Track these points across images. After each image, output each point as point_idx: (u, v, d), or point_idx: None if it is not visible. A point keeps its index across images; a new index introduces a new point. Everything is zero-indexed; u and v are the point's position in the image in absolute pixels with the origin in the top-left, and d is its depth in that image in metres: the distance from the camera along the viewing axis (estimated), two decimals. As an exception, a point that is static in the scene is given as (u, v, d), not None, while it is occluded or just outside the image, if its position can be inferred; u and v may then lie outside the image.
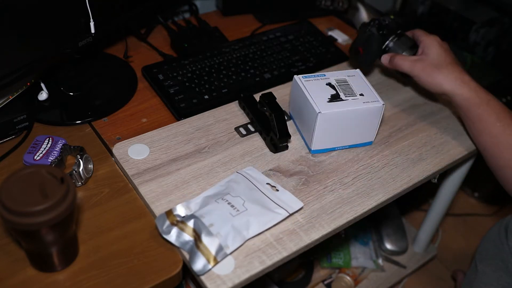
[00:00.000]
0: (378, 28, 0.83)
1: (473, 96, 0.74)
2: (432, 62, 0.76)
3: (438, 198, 1.07)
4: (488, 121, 0.73)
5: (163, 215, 0.63)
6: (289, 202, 0.67)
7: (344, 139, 0.76)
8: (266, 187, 0.69)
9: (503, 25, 1.33)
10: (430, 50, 0.78)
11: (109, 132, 0.78)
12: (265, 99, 0.78)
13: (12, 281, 0.58)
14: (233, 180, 0.69)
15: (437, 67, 0.76)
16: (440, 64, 0.76)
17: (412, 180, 0.74)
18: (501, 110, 0.74)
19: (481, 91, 0.74)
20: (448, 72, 0.75)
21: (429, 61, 0.77)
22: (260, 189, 0.68)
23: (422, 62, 0.77)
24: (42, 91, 0.81)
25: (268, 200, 0.67)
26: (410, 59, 0.78)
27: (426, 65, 0.76)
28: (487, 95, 0.74)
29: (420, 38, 0.81)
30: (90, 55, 0.89)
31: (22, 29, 0.67)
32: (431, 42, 0.78)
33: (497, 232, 0.82)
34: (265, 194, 0.67)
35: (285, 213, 0.65)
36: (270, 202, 0.66)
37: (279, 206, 0.66)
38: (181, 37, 1.00)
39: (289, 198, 0.68)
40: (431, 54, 0.77)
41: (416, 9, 1.45)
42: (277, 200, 0.67)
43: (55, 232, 0.54)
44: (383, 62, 0.83)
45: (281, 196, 0.68)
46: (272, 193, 0.68)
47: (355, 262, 1.16)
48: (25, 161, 0.71)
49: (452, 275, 1.20)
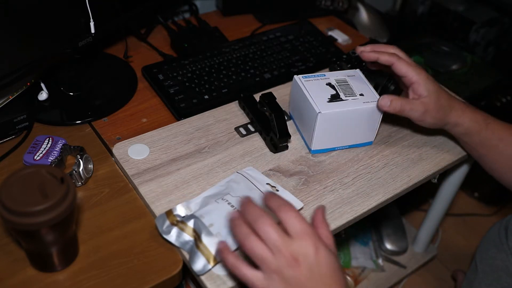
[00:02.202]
0: (347, 62, 0.81)
1: (472, 124, 0.73)
2: (430, 102, 0.70)
3: (438, 198, 1.07)
4: (490, 144, 0.73)
5: (163, 215, 0.63)
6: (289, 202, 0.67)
7: (344, 139, 0.76)
8: (266, 187, 0.69)
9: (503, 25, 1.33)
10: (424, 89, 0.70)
11: (109, 132, 0.78)
12: (265, 99, 0.78)
13: (12, 281, 0.58)
14: (233, 180, 0.69)
15: (437, 106, 0.71)
16: (438, 101, 0.71)
17: (412, 180, 0.74)
18: (501, 129, 0.73)
19: (478, 114, 0.73)
20: (447, 107, 0.72)
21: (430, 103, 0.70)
22: (260, 189, 0.68)
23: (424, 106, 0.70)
24: (42, 91, 0.81)
25: None
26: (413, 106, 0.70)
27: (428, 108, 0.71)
28: (483, 117, 0.73)
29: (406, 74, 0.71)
30: (90, 55, 0.89)
31: (22, 29, 0.67)
32: (422, 80, 0.70)
33: (497, 232, 0.82)
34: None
35: None
36: None
37: None
38: (181, 37, 1.00)
39: (289, 198, 0.68)
40: (428, 94, 0.70)
41: (416, 9, 1.45)
42: None
43: (55, 232, 0.54)
44: (382, 107, 0.71)
45: (281, 196, 0.68)
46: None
47: (355, 262, 1.16)
48: (25, 161, 0.71)
49: (452, 275, 1.20)
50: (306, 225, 0.52)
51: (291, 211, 0.52)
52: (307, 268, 0.50)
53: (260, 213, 0.52)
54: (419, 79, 0.70)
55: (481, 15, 1.33)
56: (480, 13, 1.33)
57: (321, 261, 0.51)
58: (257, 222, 0.51)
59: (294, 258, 0.50)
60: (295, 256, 0.50)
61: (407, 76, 0.70)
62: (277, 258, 0.50)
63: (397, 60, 0.71)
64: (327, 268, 0.51)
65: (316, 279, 0.51)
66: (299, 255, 0.50)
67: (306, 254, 0.50)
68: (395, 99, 0.70)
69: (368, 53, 0.72)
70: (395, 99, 0.70)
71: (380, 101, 0.71)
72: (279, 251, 0.50)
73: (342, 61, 0.89)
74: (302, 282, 0.50)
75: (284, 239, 0.51)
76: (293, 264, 0.50)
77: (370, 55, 0.72)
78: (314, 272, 0.51)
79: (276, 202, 0.53)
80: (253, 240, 0.51)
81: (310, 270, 0.50)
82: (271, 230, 0.51)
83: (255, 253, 0.51)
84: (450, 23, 1.36)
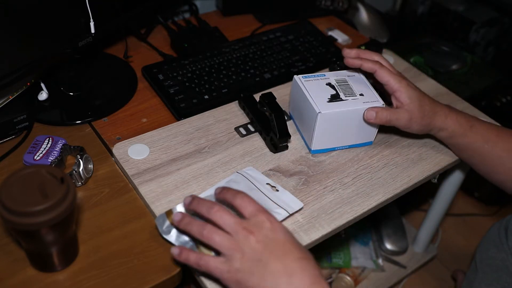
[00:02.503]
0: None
1: (457, 127, 0.73)
2: (414, 108, 0.71)
3: (438, 198, 1.07)
4: (476, 146, 0.74)
5: (163, 215, 0.63)
6: (289, 202, 0.67)
7: (344, 139, 0.76)
8: (266, 187, 0.69)
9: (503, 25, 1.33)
10: (406, 96, 0.71)
11: (109, 132, 0.78)
12: (265, 99, 0.78)
13: (12, 281, 0.58)
14: (233, 180, 0.69)
15: (421, 112, 0.72)
16: (421, 107, 0.72)
17: (412, 180, 0.74)
18: (485, 131, 0.74)
19: (461, 117, 0.74)
20: (431, 113, 0.72)
21: (414, 110, 0.71)
22: (260, 189, 0.68)
23: (409, 113, 0.71)
24: (42, 91, 0.81)
25: (268, 200, 0.67)
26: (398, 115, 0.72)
27: (413, 116, 0.71)
28: (467, 120, 0.74)
29: (388, 83, 0.72)
30: (90, 55, 0.89)
31: (22, 29, 0.67)
32: (403, 87, 0.71)
33: (497, 232, 0.82)
34: (265, 194, 0.67)
35: (285, 213, 0.65)
36: (270, 202, 0.66)
37: (279, 206, 0.66)
38: (181, 37, 1.00)
39: (289, 198, 0.68)
40: (410, 101, 0.71)
41: (416, 9, 1.45)
42: (277, 200, 0.67)
43: (55, 232, 0.54)
44: (369, 119, 0.72)
45: (281, 196, 0.68)
46: (272, 193, 0.68)
47: (355, 262, 1.16)
48: (25, 161, 0.71)
49: (452, 275, 1.20)
50: (260, 206, 0.56)
51: (244, 196, 0.57)
52: (263, 237, 0.54)
53: (211, 204, 0.56)
54: (400, 87, 0.71)
55: (481, 15, 1.33)
56: (480, 13, 1.33)
57: (276, 230, 0.55)
58: (211, 212, 0.56)
59: (249, 231, 0.54)
60: (250, 230, 0.54)
61: (389, 84, 0.72)
62: (234, 237, 0.54)
63: (380, 68, 0.72)
64: (283, 235, 0.55)
65: (273, 246, 0.53)
66: (254, 227, 0.54)
67: (261, 226, 0.54)
68: (380, 110, 0.72)
69: (353, 60, 0.74)
70: (380, 110, 0.72)
71: (366, 114, 0.72)
72: (236, 232, 0.54)
73: (342, 61, 0.88)
74: (260, 251, 0.53)
75: (240, 220, 0.55)
76: (248, 236, 0.53)
77: (354, 62, 0.74)
78: (270, 239, 0.54)
79: (230, 193, 0.58)
80: (209, 229, 0.55)
81: (266, 238, 0.54)
82: (225, 215, 0.55)
83: (214, 239, 0.54)
84: (450, 23, 1.36)
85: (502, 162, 0.73)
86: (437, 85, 0.95)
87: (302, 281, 0.52)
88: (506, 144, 0.73)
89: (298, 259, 0.53)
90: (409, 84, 0.72)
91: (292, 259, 0.53)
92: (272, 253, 0.53)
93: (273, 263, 0.52)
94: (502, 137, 0.73)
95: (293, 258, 0.53)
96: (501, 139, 0.73)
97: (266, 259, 0.53)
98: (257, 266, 0.53)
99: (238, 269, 0.53)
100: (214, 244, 0.55)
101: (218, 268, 0.54)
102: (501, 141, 0.73)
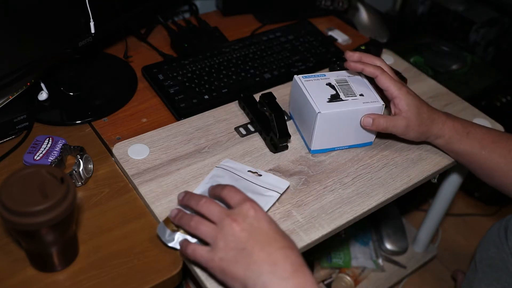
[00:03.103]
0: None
1: (453, 134, 0.74)
2: (412, 116, 0.72)
3: (438, 198, 1.07)
4: (473, 153, 0.74)
5: (162, 225, 0.62)
6: (275, 183, 0.69)
7: (344, 139, 0.76)
8: (249, 175, 0.70)
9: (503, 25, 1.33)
10: (405, 103, 0.71)
11: (109, 132, 0.78)
12: (265, 99, 0.78)
13: (12, 281, 0.58)
14: (216, 175, 0.70)
15: (419, 120, 0.72)
16: (419, 115, 0.72)
17: (412, 180, 0.74)
18: (482, 137, 0.74)
19: (458, 124, 0.74)
20: (428, 121, 0.73)
21: (411, 118, 0.72)
22: (244, 177, 0.69)
23: (406, 121, 0.72)
24: (42, 91, 0.81)
25: (256, 186, 0.68)
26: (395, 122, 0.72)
27: (410, 123, 0.72)
28: (464, 127, 0.74)
29: (388, 89, 0.72)
30: (90, 55, 0.89)
31: (22, 29, 0.67)
32: (403, 95, 0.71)
33: (497, 232, 0.82)
34: (251, 181, 0.69)
35: (277, 194, 0.67)
36: (258, 188, 0.68)
37: (268, 189, 0.67)
38: (181, 37, 1.00)
39: (275, 180, 0.70)
40: (408, 108, 0.71)
41: (416, 9, 1.45)
42: (264, 184, 0.68)
43: (55, 232, 0.54)
44: (366, 126, 0.73)
45: (266, 179, 0.70)
46: (257, 179, 0.69)
47: (355, 262, 1.16)
48: (25, 161, 0.71)
49: (452, 275, 1.20)
50: (245, 195, 0.58)
51: (231, 187, 0.58)
52: (248, 226, 0.55)
53: (199, 197, 0.59)
54: (400, 94, 0.71)
55: (481, 15, 1.33)
56: (480, 13, 1.33)
57: (261, 219, 0.55)
58: (199, 204, 0.58)
59: (234, 219, 0.55)
60: (234, 218, 0.55)
61: (389, 90, 0.72)
62: (219, 226, 0.55)
63: (381, 73, 0.72)
64: (267, 224, 0.55)
65: (257, 235, 0.54)
66: (238, 215, 0.55)
67: (245, 214, 0.55)
68: (377, 117, 0.72)
69: (355, 64, 0.74)
70: (377, 117, 0.72)
71: (363, 121, 0.73)
72: (221, 220, 0.55)
73: (342, 61, 0.88)
74: (244, 240, 0.54)
75: (225, 209, 0.56)
76: (233, 225, 0.54)
77: (357, 66, 0.74)
78: (254, 228, 0.54)
79: (219, 188, 0.59)
80: (196, 220, 0.57)
81: (251, 227, 0.55)
82: (212, 206, 0.57)
83: (200, 229, 0.56)
84: (450, 23, 1.36)
85: (499, 167, 0.73)
86: (437, 85, 0.95)
87: (285, 270, 0.52)
88: (503, 150, 0.73)
89: (281, 248, 0.54)
90: (409, 92, 0.73)
91: (275, 248, 0.53)
92: (256, 242, 0.54)
93: (256, 252, 0.53)
94: (499, 143, 0.74)
95: (276, 247, 0.54)
96: (498, 145, 0.73)
97: (250, 248, 0.53)
98: (241, 255, 0.53)
99: (222, 257, 0.54)
100: (200, 234, 0.56)
101: (203, 256, 0.56)
102: (498, 147, 0.73)
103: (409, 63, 1.01)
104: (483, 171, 0.76)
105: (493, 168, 0.74)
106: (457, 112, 0.88)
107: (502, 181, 0.74)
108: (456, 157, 0.77)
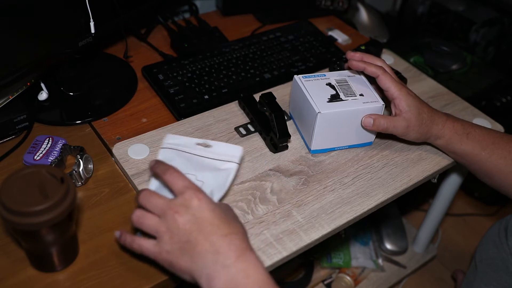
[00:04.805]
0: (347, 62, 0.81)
1: (453, 135, 0.74)
2: (412, 117, 0.71)
3: (438, 198, 1.07)
4: (473, 154, 0.74)
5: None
6: (230, 152, 0.64)
7: (344, 139, 0.76)
8: (199, 148, 0.65)
9: (503, 25, 1.33)
10: (405, 104, 0.71)
11: (109, 132, 0.78)
12: (265, 99, 0.78)
13: (12, 281, 0.58)
14: (166, 159, 0.63)
15: (419, 121, 0.72)
16: (420, 116, 0.72)
17: (412, 180, 0.74)
18: (482, 138, 0.74)
19: (458, 125, 0.74)
20: (429, 121, 0.73)
21: (411, 119, 0.72)
22: (196, 153, 0.65)
23: (406, 121, 0.72)
24: (42, 91, 0.81)
25: (210, 160, 0.64)
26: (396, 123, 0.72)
27: (410, 124, 0.72)
28: (464, 128, 0.74)
29: (389, 89, 0.72)
30: (90, 55, 0.89)
31: (22, 29, 0.67)
32: (403, 95, 0.71)
33: (497, 232, 0.82)
34: (203, 156, 0.65)
35: (235, 165, 0.64)
36: (213, 162, 0.64)
37: (224, 161, 0.64)
38: (181, 37, 1.00)
39: (227, 148, 0.65)
40: (409, 109, 0.71)
41: (416, 9, 1.45)
42: (218, 156, 0.64)
43: (55, 232, 0.54)
44: (366, 126, 0.73)
45: (218, 149, 0.65)
46: (208, 152, 0.65)
47: (355, 262, 1.16)
48: (25, 161, 0.71)
49: (452, 275, 1.20)
50: (188, 181, 0.56)
51: (173, 172, 0.56)
52: (191, 216, 0.54)
53: (146, 193, 0.56)
54: (400, 95, 0.72)
55: (481, 15, 1.33)
56: (480, 13, 1.33)
57: (204, 208, 0.54)
58: (144, 200, 0.56)
59: (176, 211, 0.54)
60: (177, 210, 0.54)
61: (389, 91, 0.72)
62: (162, 219, 0.55)
63: (382, 73, 0.73)
64: (211, 212, 0.54)
65: (200, 225, 0.54)
66: (181, 207, 0.54)
67: (188, 205, 0.54)
68: (377, 118, 0.72)
69: (357, 63, 0.74)
70: (377, 118, 0.72)
71: (364, 121, 0.73)
72: (164, 213, 0.54)
73: (342, 61, 0.89)
74: (188, 231, 0.53)
75: (168, 201, 0.55)
76: (176, 217, 0.54)
77: (359, 65, 0.74)
78: (197, 218, 0.54)
79: (160, 168, 0.58)
80: (139, 214, 0.56)
81: (193, 217, 0.54)
82: (154, 199, 0.56)
83: (144, 223, 0.56)
84: (450, 23, 1.36)
85: (499, 168, 0.73)
86: (437, 85, 0.95)
87: (227, 257, 0.52)
88: (502, 151, 0.73)
89: (225, 235, 0.53)
90: (409, 93, 0.73)
91: (218, 235, 0.53)
92: (200, 233, 0.53)
93: (200, 243, 0.53)
94: (498, 144, 0.74)
95: (219, 234, 0.53)
96: (498, 146, 0.73)
97: (194, 239, 0.53)
98: (186, 247, 0.53)
99: (168, 251, 0.54)
100: (145, 228, 0.56)
101: (150, 250, 0.55)
102: (498, 148, 0.73)
103: (409, 63, 1.01)
104: (483, 172, 0.76)
105: (493, 169, 0.74)
106: (457, 112, 0.88)
107: (502, 182, 0.75)
108: (456, 157, 0.77)
